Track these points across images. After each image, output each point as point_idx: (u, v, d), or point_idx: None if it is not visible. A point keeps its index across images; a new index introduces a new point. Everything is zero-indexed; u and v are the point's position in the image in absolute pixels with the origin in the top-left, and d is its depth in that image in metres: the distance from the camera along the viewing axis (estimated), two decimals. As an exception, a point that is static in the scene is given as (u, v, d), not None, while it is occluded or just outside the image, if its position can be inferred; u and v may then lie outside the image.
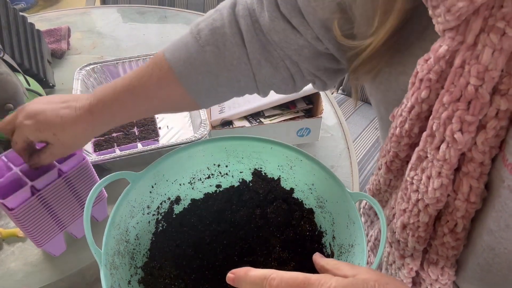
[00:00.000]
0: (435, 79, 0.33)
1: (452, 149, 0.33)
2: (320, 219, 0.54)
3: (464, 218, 0.36)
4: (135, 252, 0.51)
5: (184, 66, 0.49)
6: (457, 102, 0.32)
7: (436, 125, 0.34)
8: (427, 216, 0.38)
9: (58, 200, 0.55)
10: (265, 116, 0.82)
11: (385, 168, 0.44)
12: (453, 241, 0.38)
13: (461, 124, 0.32)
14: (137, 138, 0.74)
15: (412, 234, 0.41)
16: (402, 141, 0.40)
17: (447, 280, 0.41)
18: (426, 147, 0.36)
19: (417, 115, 0.37)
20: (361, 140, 1.24)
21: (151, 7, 1.28)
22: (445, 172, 0.35)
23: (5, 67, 0.65)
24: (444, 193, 0.36)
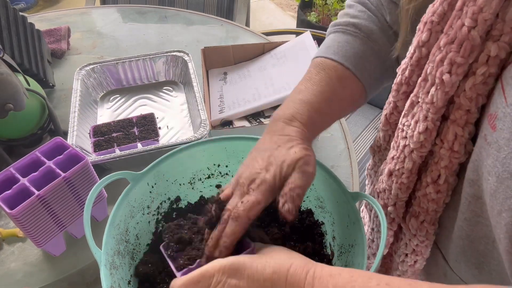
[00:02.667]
0: (437, 21, 0.34)
1: (439, 92, 0.34)
2: (320, 219, 0.54)
3: (447, 168, 0.37)
4: (135, 252, 0.51)
5: (356, 60, 0.49)
6: (451, 44, 0.33)
7: (430, 68, 0.35)
8: (411, 163, 0.39)
9: (58, 201, 0.55)
10: (265, 116, 0.82)
11: (384, 120, 0.45)
12: (434, 192, 0.39)
13: (450, 66, 0.33)
14: (137, 138, 0.74)
15: (396, 181, 0.42)
16: (401, 89, 0.41)
17: (425, 238, 0.42)
18: (418, 91, 0.37)
19: (417, 61, 0.38)
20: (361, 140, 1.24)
21: (151, 7, 1.28)
22: (431, 115, 0.36)
23: (5, 67, 0.65)
24: (428, 138, 0.37)
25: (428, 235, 0.42)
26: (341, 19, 0.53)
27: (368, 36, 0.50)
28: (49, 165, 0.56)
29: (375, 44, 0.50)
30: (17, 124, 0.71)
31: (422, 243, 0.43)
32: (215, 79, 0.94)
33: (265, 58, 0.94)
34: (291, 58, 0.90)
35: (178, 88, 0.93)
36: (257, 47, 0.96)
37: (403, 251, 0.46)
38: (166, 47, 1.07)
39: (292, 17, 2.84)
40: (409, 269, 0.47)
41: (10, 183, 0.53)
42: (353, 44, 0.50)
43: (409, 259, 0.46)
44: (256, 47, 0.96)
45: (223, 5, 1.45)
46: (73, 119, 0.75)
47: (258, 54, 0.96)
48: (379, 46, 0.50)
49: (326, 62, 0.49)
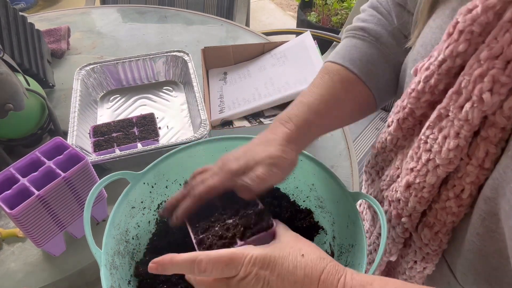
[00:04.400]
0: (478, 31, 0.31)
1: (476, 110, 0.31)
2: (320, 219, 0.54)
3: (473, 184, 0.35)
4: (135, 252, 0.51)
5: (361, 64, 0.49)
6: (494, 60, 0.29)
7: (466, 82, 0.32)
8: (434, 178, 0.37)
9: (58, 201, 0.55)
10: (265, 116, 0.82)
11: (396, 125, 0.42)
12: (455, 206, 0.37)
13: (492, 84, 0.30)
14: (137, 138, 0.74)
15: (415, 194, 0.40)
16: (423, 97, 0.38)
17: (438, 247, 0.41)
18: (449, 104, 0.34)
19: (447, 70, 0.34)
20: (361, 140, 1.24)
21: (151, 7, 1.28)
22: (464, 133, 0.33)
23: (5, 67, 0.65)
24: (458, 155, 0.35)
25: (441, 244, 0.41)
26: (353, 24, 0.53)
27: (377, 39, 0.50)
28: (49, 165, 0.56)
29: (384, 48, 0.50)
30: (17, 124, 0.71)
31: (434, 251, 0.42)
32: (215, 79, 0.94)
33: (265, 58, 0.94)
34: (291, 58, 0.90)
35: (178, 88, 0.93)
36: (257, 47, 0.96)
37: (412, 258, 0.45)
38: (166, 47, 1.07)
39: (292, 17, 2.84)
40: (418, 275, 0.46)
41: (10, 183, 0.53)
42: (360, 48, 0.50)
43: (418, 266, 0.45)
44: (256, 47, 0.96)
45: (223, 5, 1.45)
46: (73, 119, 0.75)
47: (258, 54, 0.96)
48: (388, 50, 0.50)
49: (332, 66, 0.50)
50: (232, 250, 0.34)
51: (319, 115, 0.46)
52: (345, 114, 0.50)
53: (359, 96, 0.49)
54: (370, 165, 0.54)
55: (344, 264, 0.47)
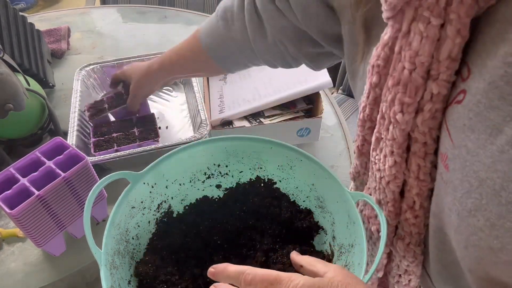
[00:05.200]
0: (383, 64, 0.36)
1: (397, 129, 0.36)
2: (320, 219, 0.54)
3: (419, 195, 0.38)
4: (135, 252, 0.51)
5: (210, 38, 0.63)
6: (397, 86, 0.34)
7: (385, 108, 0.37)
8: (390, 193, 0.41)
9: (58, 201, 0.55)
10: (265, 116, 0.82)
11: (358, 151, 0.46)
12: (412, 218, 0.40)
13: (401, 106, 0.34)
14: (137, 138, 0.74)
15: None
16: (366, 125, 0.42)
17: (414, 259, 0.43)
18: (380, 128, 0.39)
19: (374, 100, 0.39)
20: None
21: (151, 7, 1.28)
22: (395, 150, 0.37)
23: (5, 67, 0.65)
24: (400, 170, 0.38)
25: (416, 255, 0.43)
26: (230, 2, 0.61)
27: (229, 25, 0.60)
28: (49, 165, 0.56)
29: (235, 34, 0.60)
30: (17, 124, 0.71)
31: (412, 263, 0.44)
32: (215, 79, 0.94)
33: (265, 58, 0.94)
34: (291, 58, 0.90)
35: (178, 88, 0.93)
36: (257, 47, 0.96)
37: (396, 272, 0.47)
38: (166, 47, 1.06)
39: (292, 17, 2.83)
40: None
41: (10, 183, 0.53)
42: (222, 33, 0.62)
43: (403, 279, 0.47)
44: (256, 47, 0.96)
45: (223, 5, 1.45)
46: (73, 119, 0.75)
47: (258, 54, 0.96)
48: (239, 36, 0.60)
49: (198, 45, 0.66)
50: (279, 272, 0.35)
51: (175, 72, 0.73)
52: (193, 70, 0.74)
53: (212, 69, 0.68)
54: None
55: (344, 264, 0.47)
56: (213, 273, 0.38)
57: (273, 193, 0.56)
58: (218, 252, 0.52)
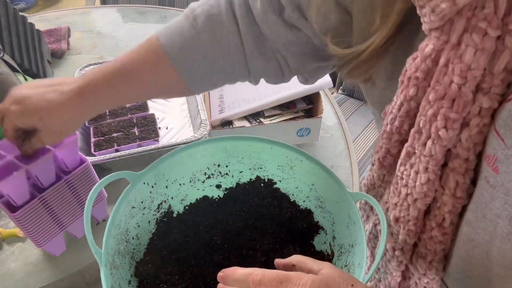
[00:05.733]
0: (422, 77, 0.34)
1: (437, 146, 0.34)
2: (320, 219, 0.54)
3: (451, 213, 0.37)
4: (135, 252, 0.51)
5: (179, 52, 0.48)
6: (441, 100, 0.32)
7: (423, 122, 0.35)
8: (416, 211, 0.39)
9: (59, 201, 0.55)
10: (265, 116, 0.82)
11: (378, 163, 0.45)
12: (440, 235, 0.39)
13: (445, 122, 0.33)
14: (137, 138, 0.74)
15: (403, 227, 0.41)
16: (393, 138, 0.41)
17: (435, 275, 0.42)
18: (414, 143, 0.37)
19: (406, 113, 0.37)
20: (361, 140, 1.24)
21: (151, 7, 1.28)
22: (431, 167, 0.36)
23: (5, 67, 0.65)
24: (431, 188, 0.37)
25: (438, 271, 0.42)
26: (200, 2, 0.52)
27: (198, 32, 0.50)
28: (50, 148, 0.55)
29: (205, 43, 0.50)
30: (17, 124, 0.71)
31: (432, 280, 0.43)
32: (215, 79, 0.94)
33: (265, 58, 0.94)
34: (291, 58, 0.90)
35: (178, 88, 0.93)
36: (257, 47, 0.96)
37: None
38: (166, 47, 1.07)
39: (292, 17, 2.83)
40: None
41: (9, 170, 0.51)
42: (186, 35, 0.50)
43: None
44: (256, 47, 0.96)
45: (223, 5, 1.45)
46: (73, 119, 0.75)
47: (258, 54, 0.96)
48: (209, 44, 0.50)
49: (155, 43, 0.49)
50: (288, 272, 0.35)
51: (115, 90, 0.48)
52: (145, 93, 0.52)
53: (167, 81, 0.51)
54: (363, 201, 0.55)
55: (344, 264, 0.47)
56: (222, 277, 0.37)
57: (273, 193, 0.56)
58: (218, 252, 0.52)
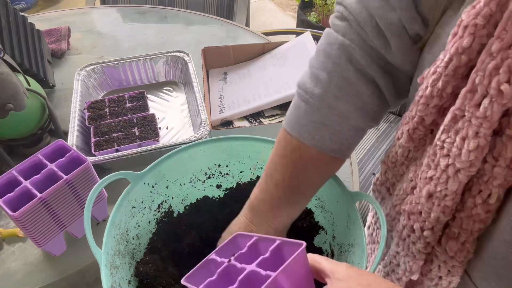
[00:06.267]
0: (482, 24, 0.31)
1: (495, 104, 0.31)
2: (320, 219, 0.54)
3: (500, 187, 0.34)
4: (135, 252, 0.51)
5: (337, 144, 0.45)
6: (507, 50, 0.29)
7: (480, 78, 0.31)
8: (456, 184, 0.36)
9: (60, 202, 0.55)
10: (265, 116, 0.82)
11: (407, 136, 0.41)
12: (483, 213, 0.35)
13: (509, 74, 0.29)
14: (137, 138, 0.74)
15: (438, 204, 0.38)
16: (431, 103, 0.37)
17: (464, 258, 0.39)
18: (464, 104, 0.33)
19: (454, 70, 0.34)
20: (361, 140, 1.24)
21: (151, 7, 1.28)
22: (483, 131, 0.32)
23: (5, 67, 0.65)
24: (479, 156, 0.33)
25: (468, 254, 0.39)
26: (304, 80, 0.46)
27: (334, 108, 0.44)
28: (51, 168, 0.56)
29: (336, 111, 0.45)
30: (17, 124, 0.71)
31: (460, 263, 0.40)
32: (215, 79, 0.94)
33: (265, 58, 0.94)
34: (291, 58, 0.90)
35: (178, 88, 0.93)
36: (257, 47, 0.96)
37: (436, 274, 0.43)
38: (166, 47, 1.07)
39: (292, 17, 2.84)
40: None
41: (12, 185, 0.53)
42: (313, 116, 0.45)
43: (444, 281, 0.42)
44: (256, 47, 0.96)
45: (223, 5, 1.45)
46: (73, 119, 0.75)
47: (258, 54, 0.96)
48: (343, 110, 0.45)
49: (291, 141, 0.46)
50: None
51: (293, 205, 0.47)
52: (318, 185, 0.49)
53: (327, 165, 0.47)
54: (379, 183, 0.52)
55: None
56: None
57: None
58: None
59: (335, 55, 0.44)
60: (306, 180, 0.47)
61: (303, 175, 0.46)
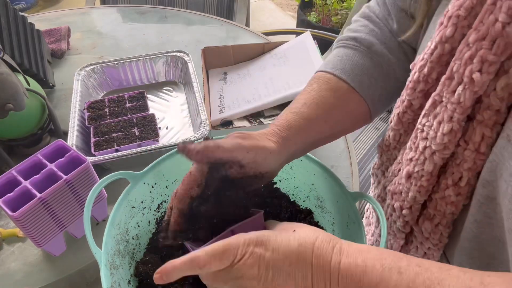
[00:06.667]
0: (464, 15, 0.32)
1: (468, 91, 0.32)
2: (320, 219, 0.54)
3: (470, 170, 0.35)
4: (135, 252, 0.51)
5: (353, 73, 0.48)
6: (482, 41, 0.31)
7: (457, 66, 0.33)
8: (431, 165, 0.38)
9: (59, 202, 0.55)
10: (265, 116, 0.82)
11: (397, 119, 0.43)
12: (454, 195, 0.37)
13: (481, 64, 0.31)
14: (137, 138, 0.74)
15: (415, 184, 0.40)
16: (418, 87, 0.39)
17: (438, 241, 0.41)
18: (442, 90, 0.35)
19: (438, 57, 0.36)
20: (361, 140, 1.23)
21: (151, 7, 1.28)
22: (457, 116, 0.34)
23: (5, 67, 0.65)
24: (453, 140, 0.35)
25: (442, 237, 0.41)
26: (344, 34, 0.53)
27: (369, 49, 0.50)
28: (51, 168, 0.56)
29: (377, 57, 0.50)
30: (17, 124, 0.71)
31: (435, 246, 0.42)
32: (215, 79, 0.94)
33: (265, 58, 0.94)
34: (291, 58, 0.90)
35: (178, 88, 0.93)
36: (257, 47, 0.96)
37: (413, 254, 0.45)
38: (166, 47, 1.07)
39: (292, 17, 2.84)
40: None
41: (12, 185, 0.53)
42: (352, 57, 0.50)
43: None
44: (256, 47, 0.96)
45: (223, 5, 1.45)
46: (73, 119, 0.75)
47: (258, 54, 0.96)
48: (381, 59, 0.50)
49: (321, 75, 0.49)
50: (226, 239, 0.34)
51: (304, 118, 0.45)
52: (333, 120, 0.48)
53: (351, 105, 0.49)
54: (376, 166, 0.54)
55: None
56: (160, 276, 0.33)
57: (273, 193, 0.56)
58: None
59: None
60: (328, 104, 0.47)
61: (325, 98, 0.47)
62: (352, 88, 0.48)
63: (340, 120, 0.49)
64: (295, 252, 0.33)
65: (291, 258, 0.32)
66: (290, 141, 0.44)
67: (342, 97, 0.48)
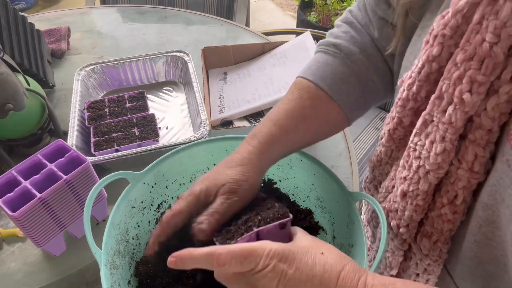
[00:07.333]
0: (449, 35, 0.32)
1: (458, 112, 0.32)
2: (320, 219, 0.54)
3: (465, 189, 0.35)
4: (135, 252, 0.51)
5: (332, 81, 0.49)
6: (470, 61, 0.30)
7: (446, 86, 0.33)
8: (426, 184, 0.37)
9: (59, 202, 0.55)
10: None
11: (388, 136, 0.43)
12: (450, 213, 0.37)
13: (471, 85, 0.31)
14: (137, 138, 0.74)
15: (411, 203, 0.40)
16: (407, 105, 0.39)
17: (438, 258, 0.41)
18: (433, 110, 0.35)
19: (427, 76, 0.35)
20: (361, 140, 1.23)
21: (151, 7, 1.28)
22: (449, 136, 0.34)
23: (5, 67, 0.65)
24: (446, 159, 0.35)
25: (441, 253, 0.40)
26: (326, 38, 0.53)
27: (348, 57, 0.50)
28: (51, 168, 0.56)
29: (355, 66, 0.50)
30: (17, 124, 0.71)
31: (435, 262, 0.41)
32: (215, 79, 0.94)
33: (265, 58, 0.94)
34: (291, 58, 0.90)
35: (178, 88, 0.93)
36: (257, 47, 0.96)
37: (413, 271, 0.45)
38: (166, 47, 1.07)
39: (292, 17, 2.84)
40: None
41: (12, 185, 0.53)
42: (332, 65, 0.50)
43: (421, 279, 0.44)
44: (256, 47, 0.96)
45: (223, 5, 1.45)
46: (73, 119, 0.75)
47: (258, 54, 0.96)
48: (359, 68, 0.50)
49: (302, 82, 0.50)
50: (251, 244, 0.34)
51: (284, 131, 0.46)
52: (312, 131, 0.49)
53: (328, 113, 0.50)
54: (368, 180, 0.53)
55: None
56: (175, 262, 0.34)
57: (273, 193, 0.56)
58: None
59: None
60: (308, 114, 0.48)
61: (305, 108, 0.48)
62: (330, 96, 0.49)
63: (319, 129, 0.50)
64: (318, 277, 0.32)
65: (313, 282, 0.32)
66: (270, 159, 0.46)
67: (322, 107, 0.49)
